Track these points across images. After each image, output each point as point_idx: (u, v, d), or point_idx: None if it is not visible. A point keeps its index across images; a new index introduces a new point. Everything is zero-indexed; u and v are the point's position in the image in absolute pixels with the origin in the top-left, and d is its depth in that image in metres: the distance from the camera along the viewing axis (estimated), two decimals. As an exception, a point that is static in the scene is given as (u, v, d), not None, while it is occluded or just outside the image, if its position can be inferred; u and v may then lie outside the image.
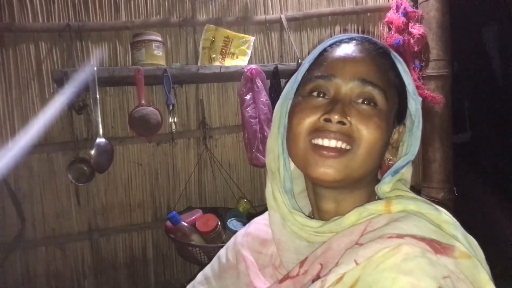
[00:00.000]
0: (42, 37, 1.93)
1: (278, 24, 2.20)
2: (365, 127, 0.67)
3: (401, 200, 0.67)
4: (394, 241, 0.59)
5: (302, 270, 0.68)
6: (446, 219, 0.65)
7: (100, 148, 1.85)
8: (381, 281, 0.57)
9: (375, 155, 0.69)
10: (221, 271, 0.88)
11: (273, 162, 0.78)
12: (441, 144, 2.18)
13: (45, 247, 1.99)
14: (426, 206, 0.66)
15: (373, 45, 0.73)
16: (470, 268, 0.59)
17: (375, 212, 0.67)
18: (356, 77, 0.69)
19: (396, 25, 2.13)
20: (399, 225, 0.62)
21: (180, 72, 1.88)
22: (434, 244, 0.59)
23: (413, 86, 0.75)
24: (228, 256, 0.89)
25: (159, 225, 2.11)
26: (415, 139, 0.74)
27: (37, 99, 1.94)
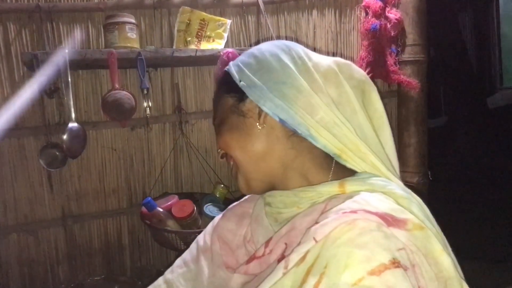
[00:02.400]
0: (10, 18, 1.86)
1: (255, 7, 2.17)
2: (217, 142, 0.82)
3: (355, 181, 0.70)
4: (349, 216, 0.61)
5: (268, 250, 0.72)
6: (401, 194, 0.68)
7: (72, 133, 1.81)
8: (337, 255, 0.58)
9: (242, 151, 0.77)
10: (198, 254, 0.90)
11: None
12: (416, 129, 2.20)
13: (17, 234, 1.95)
14: (380, 184, 0.69)
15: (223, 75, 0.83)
16: (423, 239, 0.61)
17: (327, 193, 0.71)
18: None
19: (373, 10, 2.13)
20: (354, 203, 0.65)
21: (155, 55, 1.84)
22: (386, 217, 0.61)
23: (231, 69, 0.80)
24: (206, 239, 0.91)
25: (135, 211, 2.08)
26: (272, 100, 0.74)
27: (6, 82, 1.88)
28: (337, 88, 0.74)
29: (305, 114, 0.71)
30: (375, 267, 0.55)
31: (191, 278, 0.88)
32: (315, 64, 0.76)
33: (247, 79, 0.75)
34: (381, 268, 0.55)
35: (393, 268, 0.55)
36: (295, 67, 0.74)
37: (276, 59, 0.75)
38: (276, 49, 0.77)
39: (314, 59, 0.77)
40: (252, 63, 0.77)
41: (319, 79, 0.74)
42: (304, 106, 0.71)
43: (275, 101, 0.72)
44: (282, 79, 0.73)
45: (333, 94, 0.74)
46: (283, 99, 0.72)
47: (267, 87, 0.73)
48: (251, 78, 0.75)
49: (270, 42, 0.82)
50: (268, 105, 0.73)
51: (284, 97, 0.72)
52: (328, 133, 0.71)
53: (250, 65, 0.77)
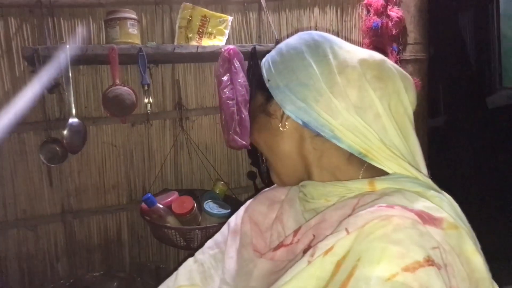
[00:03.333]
0: (11, 12, 1.85)
1: (256, 4, 2.16)
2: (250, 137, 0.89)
3: (385, 180, 0.70)
4: (385, 211, 0.61)
5: (296, 239, 0.72)
6: (432, 193, 0.67)
7: (73, 128, 1.80)
8: (371, 250, 0.58)
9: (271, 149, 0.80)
10: (228, 235, 0.92)
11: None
12: (416, 128, 2.20)
13: (16, 229, 1.95)
14: (409, 184, 0.68)
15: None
16: (456, 238, 0.61)
17: (357, 190, 0.70)
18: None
19: (375, 8, 2.13)
20: (390, 199, 0.64)
21: (156, 51, 1.83)
22: (423, 215, 0.61)
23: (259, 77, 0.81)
24: (237, 221, 0.93)
25: (134, 207, 2.08)
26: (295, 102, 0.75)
27: (7, 77, 1.88)
28: (359, 91, 0.71)
29: (327, 116, 0.70)
30: (409, 264, 0.55)
31: (222, 259, 0.89)
32: (340, 64, 0.73)
33: (273, 79, 0.76)
34: (415, 265, 0.55)
35: (427, 266, 0.55)
36: (318, 68, 0.73)
37: (300, 58, 0.75)
38: (303, 46, 0.76)
39: (341, 57, 0.74)
40: (278, 62, 0.77)
41: (340, 82, 0.71)
42: (325, 109, 0.71)
43: (298, 104, 0.73)
44: (304, 81, 0.73)
45: (354, 98, 0.71)
46: (305, 101, 0.72)
47: (289, 89, 0.74)
48: (276, 79, 0.76)
49: (301, 34, 0.81)
50: (291, 108, 0.73)
51: (306, 100, 0.72)
52: (352, 134, 0.70)
53: (277, 64, 0.77)
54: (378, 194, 0.67)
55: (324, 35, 0.79)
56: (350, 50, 0.76)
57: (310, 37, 0.78)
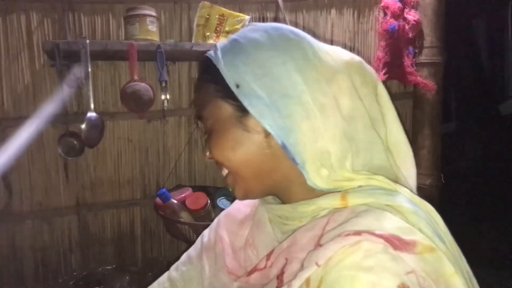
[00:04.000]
0: (33, 7, 1.89)
1: (274, 4, 2.18)
2: (210, 151, 0.71)
3: (358, 193, 0.64)
4: (352, 239, 0.57)
5: (269, 263, 0.68)
6: (408, 208, 0.62)
7: (90, 123, 1.83)
8: (341, 280, 0.54)
9: (241, 164, 0.69)
10: (202, 251, 0.88)
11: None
12: (430, 131, 2.20)
13: (32, 221, 1.98)
14: (385, 197, 0.63)
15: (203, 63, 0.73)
16: (433, 262, 0.57)
17: (329, 206, 0.65)
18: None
19: (392, 10, 2.13)
20: (359, 220, 0.59)
21: (174, 48, 1.85)
22: (393, 239, 0.56)
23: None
24: (210, 236, 0.89)
25: (148, 202, 2.10)
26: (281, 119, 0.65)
27: (27, 70, 1.91)
28: (351, 100, 0.66)
29: (306, 141, 0.64)
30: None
31: (195, 277, 0.87)
32: (327, 70, 0.66)
33: (247, 86, 0.65)
34: None
35: None
36: (302, 75, 0.65)
37: (281, 60, 0.65)
38: (279, 43, 0.67)
39: (325, 60, 0.67)
40: (249, 62, 0.66)
41: (329, 93, 0.65)
42: (307, 129, 0.64)
43: (280, 122, 0.64)
44: (288, 92, 0.64)
45: (346, 109, 0.66)
46: (288, 119, 0.64)
47: (272, 101, 0.64)
48: (251, 85, 0.65)
49: (265, 26, 0.71)
50: (272, 125, 0.64)
51: (290, 117, 0.64)
52: (322, 169, 0.65)
53: (248, 65, 0.66)
54: (349, 212, 0.62)
55: (296, 30, 0.71)
56: (329, 51, 0.70)
57: (282, 32, 0.69)
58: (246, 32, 0.71)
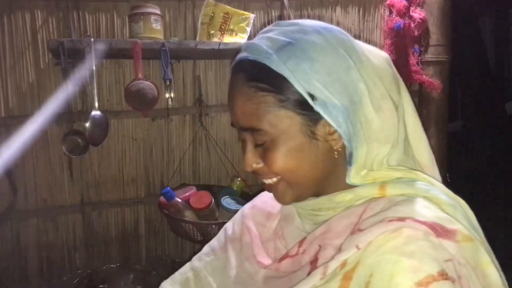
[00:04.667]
0: (38, 5, 1.89)
1: (278, 2, 2.17)
2: (269, 165, 0.67)
3: (397, 184, 0.65)
4: (396, 224, 0.58)
5: (301, 250, 0.69)
6: (445, 200, 0.63)
7: (95, 121, 1.83)
8: (382, 263, 0.56)
9: (303, 172, 0.67)
10: (226, 243, 0.88)
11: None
12: (436, 130, 2.19)
13: (36, 219, 1.98)
14: (423, 188, 0.65)
15: (241, 72, 0.66)
16: (471, 251, 0.59)
17: (367, 196, 0.66)
18: (239, 127, 0.70)
19: (398, 8, 2.12)
20: (400, 209, 0.60)
21: (178, 47, 1.85)
22: (436, 227, 0.58)
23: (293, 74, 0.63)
24: (234, 228, 0.89)
25: (152, 200, 2.10)
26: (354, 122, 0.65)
27: (32, 69, 1.91)
28: (394, 98, 0.68)
29: (364, 144, 0.66)
30: (422, 278, 0.53)
31: (219, 267, 0.86)
32: (375, 68, 0.67)
33: (321, 94, 0.62)
34: (429, 280, 0.53)
35: (441, 280, 0.53)
36: (363, 78, 0.65)
37: (346, 66, 0.64)
38: (341, 47, 0.65)
39: (372, 60, 0.67)
40: (320, 70, 0.63)
41: (383, 92, 0.66)
42: (367, 133, 0.65)
43: (350, 128, 0.64)
44: (354, 97, 0.64)
45: (392, 108, 0.67)
46: (355, 125, 0.64)
47: (344, 108, 0.63)
48: (327, 95, 0.62)
49: (320, 27, 0.67)
50: (345, 132, 0.64)
51: (356, 123, 0.64)
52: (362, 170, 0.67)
53: (318, 73, 0.63)
54: (386, 202, 0.63)
55: (341, 29, 0.69)
56: (369, 49, 0.70)
57: (334, 33, 0.67)
58: (293, 33, 0.65)
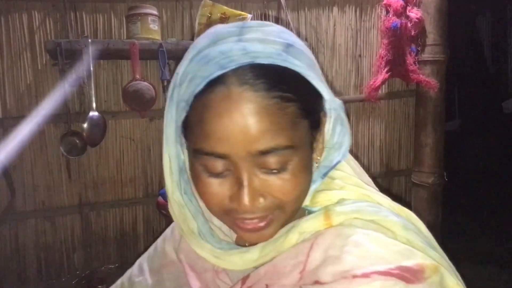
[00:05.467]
0: (35, 6, 1.89)
1: (275, 3, 2.17)
2: (281, 195, 0.57)
3: (342, 209, 0.60)
4: (362, 283, 0.53)
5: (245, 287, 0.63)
6: (395, 222, 0.59)
7: (92, 122, 1.84)
8: None
9: (303, 196, 0.61)
10: (159, 266, 0.79)
11: (183, 221, 0.66)
12: (433, 129, 2.20)
13: (35, 220, 1.98)
14: (370, 211, 0.60)
15: (259, 82, 0.53)
16: (440, 281, 0.56)
17: (314, 229, 0.60)
18: (250, 150, 0.53)
19: (394, 8, 2.12)
20: (356, 251, 0.56)
21: (176, 47, 1.86)
22: (402, 273, 0.54)
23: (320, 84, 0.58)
24: (166, 249, 0.79)
25: (150, 201, 2.10)
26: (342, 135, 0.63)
27: (29, 69, 1.91)
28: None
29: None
30: None
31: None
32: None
33: (330, 98, 0.60)
34: None
35: None
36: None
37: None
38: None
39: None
40: (319, 73, 0.60)
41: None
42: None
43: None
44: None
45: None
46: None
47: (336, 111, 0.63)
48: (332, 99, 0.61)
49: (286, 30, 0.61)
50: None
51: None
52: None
53: (320, 76, 0.60)
54: (333, 235, 0.58)
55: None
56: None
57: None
58: (285, 34, 0.59)
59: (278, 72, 0.54)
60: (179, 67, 0.59)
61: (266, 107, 0.52)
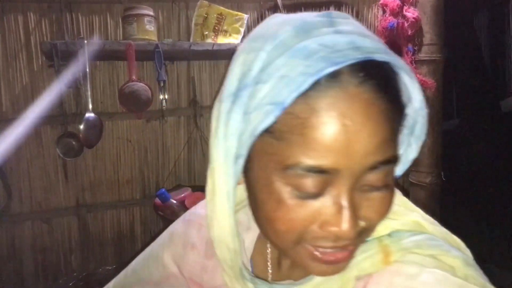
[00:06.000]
0: (30, 7, 1.88)
1: (272, 3, 2.17)
2: (378, 216, 0.49)
3: (402, 246, 0.53)
4: None
5: None
6: (455, 256, 0.52)
7: (89, 123, 1.83)
8: None
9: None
10: (158, 278, 0.73)
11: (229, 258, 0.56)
12: (431, 129, 2.19)
13: (31, 221, 1.97)
14: (429, 244, 0.53)
15: (376, 82, 0.45)
16: None
17: (373, 271, 0.52)
18: (368, 163, 0.45)
19: (391, 8, 2.12)
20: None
21: (172, 48, 1.85)
22: None
23: (419, 100, 0.52)
24: (165, 260, 0.73)
25: (148, 202, 2.10)
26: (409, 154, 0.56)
27: (25, 71, 1.90)
28: None
29: None
30: None
31: None
32: None
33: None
34: None
35: None
36: None
37: None
38: None
39: None
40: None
41: None
42: None
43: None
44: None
45: None
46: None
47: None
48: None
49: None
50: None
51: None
52: None
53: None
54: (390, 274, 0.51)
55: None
56: None
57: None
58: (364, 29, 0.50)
59: (391, 71, 0.47)
60: (245, 61, 0.49)
61: (385, 111, 0.45)
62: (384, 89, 0.45)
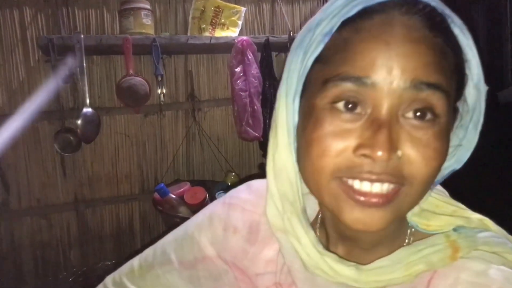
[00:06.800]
0: (26, 2, 1.86)
1: (270, -4, 2.16)
2: (422, 158, 0.45)
3: (470, 243, 0.51)
4: None
5: None
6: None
7: (86, 118, 1.82)
8: None
9: (433, 180, 0.48)
10: (192, 259, 0.69)
11: (290, 189, 0.53)
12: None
13: (30, 217, 1.97)
14: (495, 241, 0.52)
15: (426, 17, 0.46)
16: None
17: (441, 263, 0.50)
18: (408, 79, 0.43)
19: (389, 0, 2.11)
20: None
21: (169, 42, 1.84)
22: None
23: (477, 64, 0.51)
24: (201, 242, 0.68)
25: (146, 197, 2.09)
26: (469, 141, 0.55)
27: (21, 66, 1.89)
28: None
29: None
30: None
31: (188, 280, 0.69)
32: None
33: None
34: None
35: None
36: None
37: None
38: None
39: None
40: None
41: None
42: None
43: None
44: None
45: None
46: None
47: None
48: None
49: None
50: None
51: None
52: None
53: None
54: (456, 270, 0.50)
55: None
56: None
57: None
58: None
59: (442, 13, 0.48)
60: (313, 18, 0.51)
61: (432, 41, 0.45)
62: (430, 24, 0.46)
